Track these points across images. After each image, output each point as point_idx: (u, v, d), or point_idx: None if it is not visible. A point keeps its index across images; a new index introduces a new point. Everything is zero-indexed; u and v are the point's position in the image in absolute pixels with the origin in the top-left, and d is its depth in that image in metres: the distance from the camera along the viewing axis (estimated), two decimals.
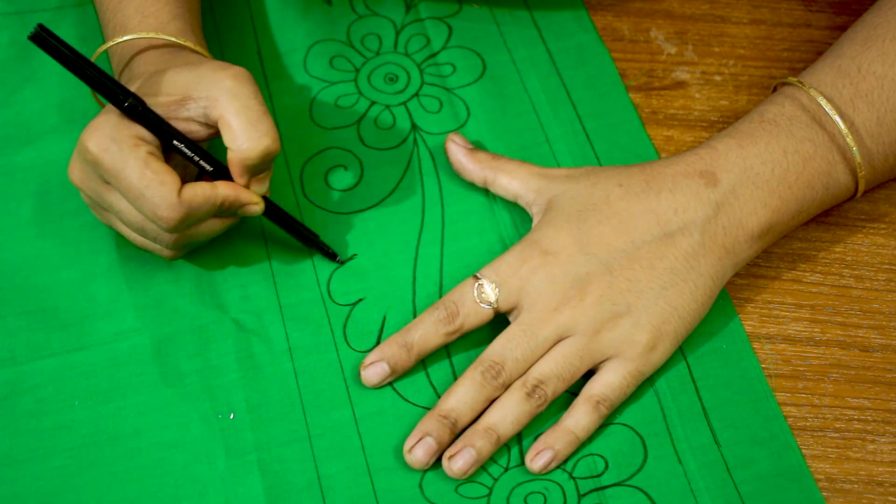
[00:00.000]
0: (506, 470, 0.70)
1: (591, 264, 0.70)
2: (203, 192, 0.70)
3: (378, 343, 0.75)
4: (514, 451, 0.71)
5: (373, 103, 0.86)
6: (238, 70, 0.71)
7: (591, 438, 0.71)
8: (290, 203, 0.81)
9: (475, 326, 0.72)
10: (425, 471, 0.70)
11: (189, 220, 0.70)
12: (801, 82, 0.75)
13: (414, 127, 0.85)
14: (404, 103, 0.86)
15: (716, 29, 0.90)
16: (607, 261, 0.70)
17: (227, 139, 0.70)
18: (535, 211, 0.75)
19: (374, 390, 0.73)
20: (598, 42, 0.89)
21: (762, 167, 0.72)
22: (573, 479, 0.69)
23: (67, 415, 0.72)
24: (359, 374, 0.73)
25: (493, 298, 0.71)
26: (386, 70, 0.87)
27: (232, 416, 0.72)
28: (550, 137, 0.84)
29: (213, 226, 0.73)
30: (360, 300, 0.77)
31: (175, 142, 0.70)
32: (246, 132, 0.69)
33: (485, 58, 0.88)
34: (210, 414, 0.72)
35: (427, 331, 0.72)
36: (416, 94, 0.86)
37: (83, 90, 0.85)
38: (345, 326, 0.76)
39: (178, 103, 0.70)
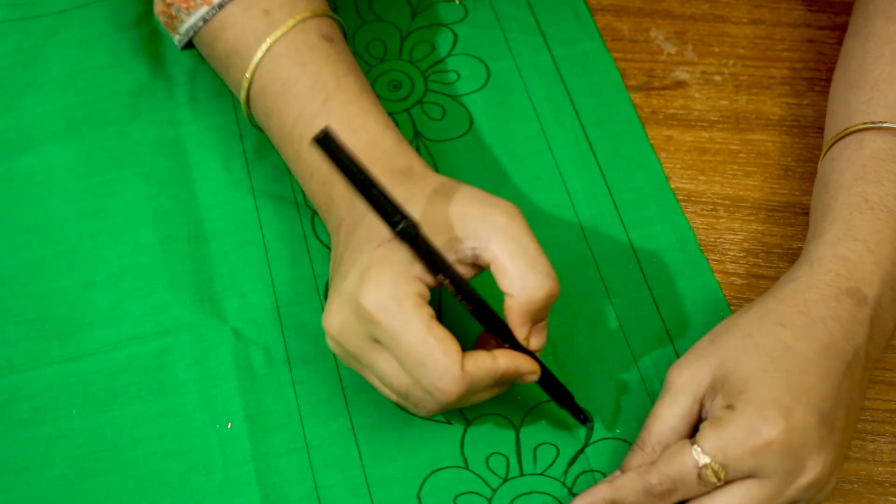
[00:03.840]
0: (504, 481, 0.69)
1: (822, 426, 0.63)
2: (485, 364, 0.62)
3: None
4: (513, 461, 0.69)
5: None
6: (507, 205, 0.63)
7: (591, 454, 0.69)
8: (292, 212, 0.79)
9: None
10: (423, 481, 0.69)
11: (469, 394, 0.62)
12: (883, 124, 0.71)
13: (417, 135, 0.83)
14: (407, 110, 0.84)
15: (716, 29, 0.88)
16: (827, 414, 0.63)
17: (505, 284, 0.62)
18: (715, 402, 0.65)
19: (371, 400, 0.71)
20: (603, 50, 0.87)
21: (893, 267, 0.67)
22: (572, 494, 0.68)
23: (65, 424, 0.71)
24: None
25: (718, 479, 0.63)
26: (390, 77, 0.85)
27: (230, 426, 0.70)
28: (553, 146, 0.82)
29: (483, 395, 0.65)
30: None
31: (452, 285, 0.62)
32: (526, 275, 0.62)
33: (489, 65, 0.86)
34: (208, 423, 0.71)
35: (637, 501, 0.64)
36: (420, 102, 0.84)
37: (85, 96, 0.83)
38: None
39: (445, 246, 0.62)
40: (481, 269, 0.63)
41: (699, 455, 0.61)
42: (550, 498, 0.68)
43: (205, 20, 0.73)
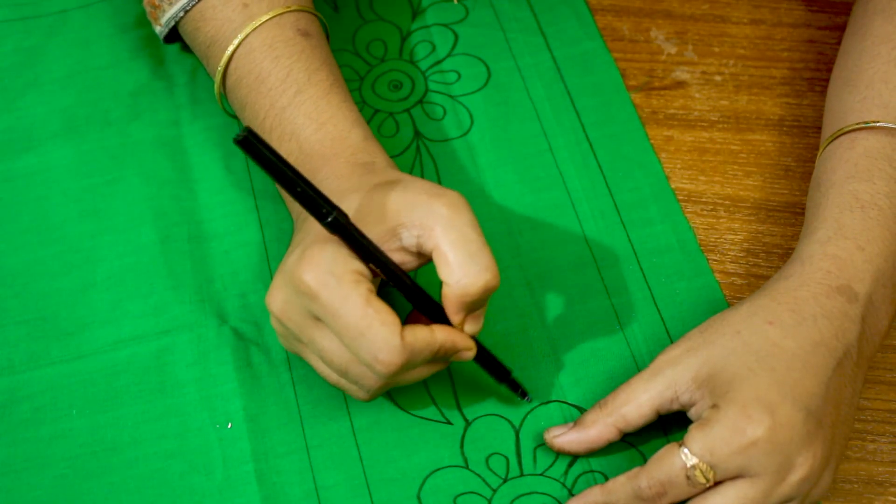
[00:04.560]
0: (504, 481, 0.68)
1: (808, 422, 0.63)
2: (423, 336, 0.62)
3: None
4: (513, 461, 0.69)
5: (376, 111, 0.84)
6: (453, 196, 0.63)
7: (592, 455, 0.69)
8: None
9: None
10: (423, 481, 0.68)
11: (408, 366, 0.63)
12: (877, 123, 0.71)
13: (417, 134, 0.82)
14: (408, 110, 0.84)
15: (716, 29, 0.88)
16: (814, 410, 0.63)
17: (444, 273, 0.62)
18: (699, 400, 0.66)
19: (371, 401, 0.70)
20: (604, 50, 0.87)
21: (885, 264, 0.68)
22: (572, 495, 0.68)
23: (65, 424, 0.70)
24: None
25: (706, 480, 0.63)
26: (391, 77, 0.85)
27: (230, 426, 0.70)
28: (553, 146, 0.82)
29: (421, 373, 0.65)
30: None
31: (384, 269, 0.63)
32: (465, 266, 0.62)
33: (490, 65, 0.86)
34: (208, 423, 0.70)
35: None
36: (420, 102, 0.84)
37: (85, 96, 0.83)
38: None
39: (388, 232, 0.63)
40: (426, 259, 0.64)
41: (687, 457, 0.62)
42: (550, 499, 0.68)
43: (185, 10, 0.74)
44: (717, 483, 0.62)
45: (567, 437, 0.67)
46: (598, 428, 0.67)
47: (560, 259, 0.76)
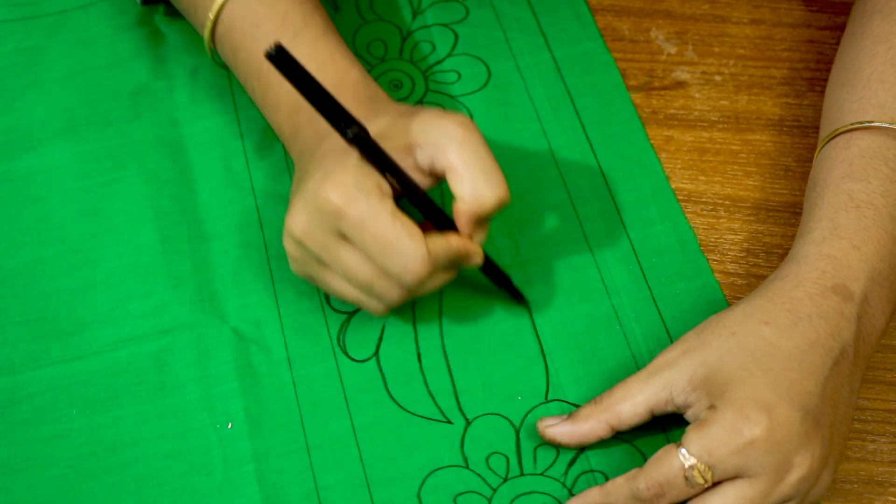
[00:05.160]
0: (505, 480, 0.68)
1: (805, 421, 0.63)
2: (442, 244, 0.65)
3: (377, 350, 0.73)
4: (513, 461, 0.69)
5: None
6: (463, 118, 0.66)
7: (591, 454, 0.69)
8: None
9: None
10: (423, 481, 0.68)
11: (432, 275, 0.66)
12: (872, 123, 0.71)
13: None
14: None
15: (716, 29, 0.88)
16: (812, 410, 0.63)
17: (458, 189, 0.65)
18: (695, 402, 0.66)
19: (371, 399, 0.71)
20: (604, 50, 0.87)
21: (881, 263, 0.68)
22: (572, 495, 0.68)
23: (65, 424, 0.70)
24: None
25: (705, 480, 0.63)
26: (391, 77, 0.85)
27: (230, 426, 0.70)
28: (553, 146, 0.82)
29: (437, 281, 0.68)
30: (360, 309, 0.74)
31: (404, 184, 0.65)
32: (479, 183, 0.65)
33: (490, 65, 0.86)
34: (208, 423, 0.70)
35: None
36: (420, 101, 0.84)
37: (86, 97, 0.83)
38: (344, 336, 0.74)
39: (403, 150, 0.65)
40: (438, 178, 0.66)
41: (685, 457, 0.62)
42: (550, 498, 0.68)
43: None
44: (716, 484, 0.62)
45: (559, 429, 0.68)
46: (591, 423, 0.67)
47: (560, 259, 0.76)
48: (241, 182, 0.79)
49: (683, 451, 0.62)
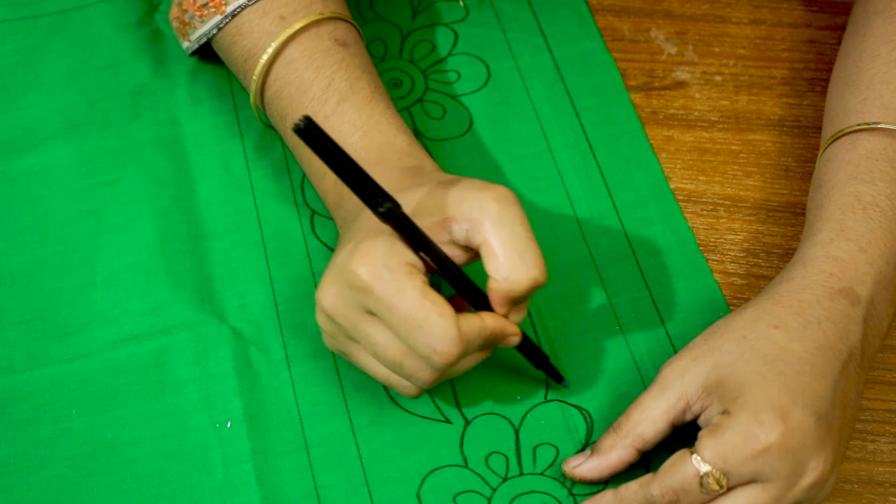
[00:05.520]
0: (504, 480, 0.68)
1: (819, 426, 0.63)
2: (476, 324, 0.62)
3: None
4: (513, 461, 0.69)
5: None
6: (502, 191, 0.63)
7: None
8: (291, 211, 0.78)
9: None
10: (423, 480, 0.68)
11: (462, 355, 0.62)
12: (878, 125, 0.71)
13: (417, 133, 0.82)
14: (407, 108, 0.84)
15: (716, 29, 0.88)
16: (824, 414, 0.63)
17: (491, 268, 0.62)
18: (708, 407, 0.65)
19: (370, 399, 0.71)
20: (603, 50, 0.87)
21: (886, 266, 0.68)
22: (573, 496, 0.68)
23: (65, 423, 0.70)
24: None
25: (720, 486, 0.63)
26: (391, 76, 0.85)
27: (229, 425, 0.70)
28: (553, 146, 0.82)
29: (469, 362, 0.65)
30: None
31: (437, 259, 0.63)
32: (513, 263, 0.62)
33: (490, 65, 0.86)
34: (208, 423, 0.70)
35: None
36: (420, 100, 0.84)
37: (86, 96, 0.83)
38: None
39: (439, 225, 0.63)
40: (475, 254, 0.64)
41: (699, 464, 0.61)
42: (550, 498, 0.67)
43: (219, 27, 0.75)
44: (729, 488, 0.62)
45: (588, 466, 0.67)
46: (617, 452, 0.66)
47: (559, 259, 0.76)
48: (241, 182, 0.79)
49: (697, 457, 0.61)
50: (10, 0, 0.87)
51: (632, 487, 0.63)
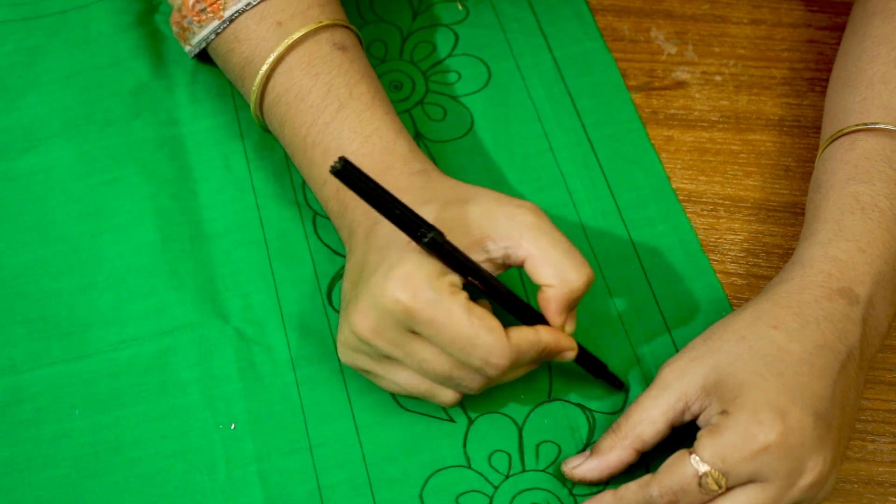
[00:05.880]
0: (506, 477, 0.69)
1: (818, 426, 0.63)
2: (528, 337, 0.64)
3: None
4: (516, 458, 0.69)
5: None
6: (530, 204, 0.65)
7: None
8: (293, 211, 0.78)
9: None
10: (426, 481, 0.68)
11: (515, 366, 0.64)
12: (877, 125, 0.71)
13: (418, 135, 0.82)
14: (408, 111, 0.84)
15: (716, 29, 0.88)
16: (823, 414, 0.64)
17: (543, 276, 0.63)
18: (707, 407, 0.66)
19: (374, 399, 0.71)
20: (604, 50, 0.87)
21: (885, 267, 0.68)
22: (573, 496, 0.68)
23: (67, 424, 0.70)
24: None
25: (719, 487, 0.63)
26: (391, 77, 0.85)
27: (233, 427, 0.70)
28: (554, 146, 0.82)
29: (522, 370, 0.67)
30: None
31: (482, 281, 0.63)
32: (563, 266, 0.63)
33: (490, 65, 0.86)
34: (211, 424, 0.70)
35: None
36: (421, 102, 0.84)
37: (86, 96, 0.83)
38: None
39: (474, 245, 0.64)
40: (506, 268, 0.65)
41: (698, 464, 0.62)
42: (552, 495, 0.68)
43: (217, 33, 0.75)
44: (729, 489, 0.62)
45: (587, 467, 0.67)
46: (616, 452, 0.66)
47: None
48: (242, 182, 0.79)
49: (696, 457, 0.62)
50: (10, 0, 0.87)
51: (631, 488, 0.64)
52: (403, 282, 0.61)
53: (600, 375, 0.70)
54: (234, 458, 0.69)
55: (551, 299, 0.64)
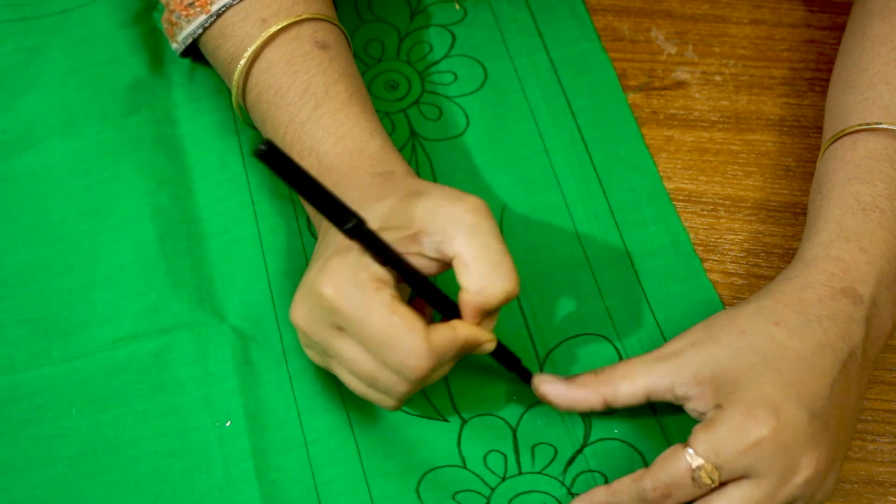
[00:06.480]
0: (503, 479, 0.69)
1: (813, 423, 0.63)
2: (447, 335, 0.62)
3: None
4: (511, 460, 0.70)
5: None
6: (475, 201, 0.63)
7: (590, 453, 0.70)
8: (288, 208, 0.79)
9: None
10: (422, 476, 0.69)
11: (437, 368, 0.63)
12: (878, 125, 0.72)
13: (413, 134, 0.83)
14: (404, 110, 0.84)
15: (716, 29, 0.88)
16: (819, 412, 0.64)
17: (464, 280, 0.62)
18: (696, 396, 0.66)
19: None
20: (600, 51, 0.87)
21: (888, 266, 0.68)
22: (571, 494, 0.68)
23: (65, 423, 0.70)
24: None
25: (712, 481, 0.63)
26: (387, 77, 0.85)
27: (229, 424, 0.70)
28: (549, 147, 0.82)
29: (444, 370, 0.65)
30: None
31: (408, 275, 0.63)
32: (486, 275, 0.62)
33: (487, 66, 0.86)
34: (208, 422, 0.70)
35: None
36: (416, 102, 0.84)
37: (84, 93, 0.83)
38: None
39: (409, 238, 0.63)
40: (446, 265, 0.64)
41: (692, 457, 0.62)
42: (549, 497, 0.68)
43: (204, 28, 0.76)
44: (722, 484, 0.63)
45: (553, 387, 0.67)
46: (586, 391, 0.67)
47: (554, 260, 0.76)
48: (238, 178, 0.80)
49: (690, 451, 0.62)
50: (10, 0, 0.88)
51: (624, 482, 0.64)
52: (330, 275, 0.61)
53: (513, 369, 0.70)
54: (231, 455, 0.69)
55: (465, 304, 0.63)
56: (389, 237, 0.62)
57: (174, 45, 0.79)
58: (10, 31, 0.86)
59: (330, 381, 0.72)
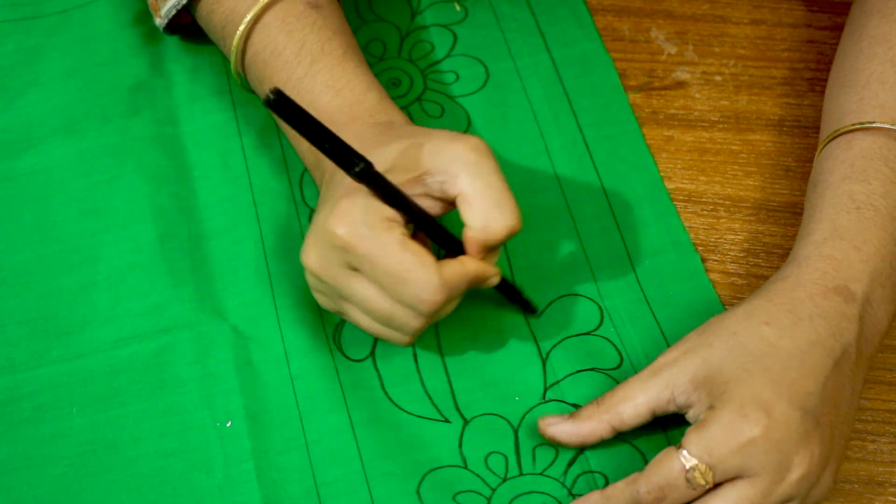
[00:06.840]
0: (504, 480, 0.69)
1: (805, 421, 0.63)
2: (458, 269, 0.65)
3: (373, 351, 0.73)
4: (512, 461, 0.70)
5: None
6: (475, 141, 0.65)
7: (591, 454, 0.70)
8: (290, 209, 0.79)
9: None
10: (423, 477, 0.69)
11: (448, 301, 0.65)
12: (873, 124, 0.72)
13: None
14: (406, 107, 0.84)
15: (716, 29, 0.89)
16: (811, 409, 0.64)
17: (468, 217, 0.64)
18: (696, 402, 0.66)
19: (368, 398, 0.71)
20: (602, 50, 0.87)
21: (882, 264, 0.68)
22: (572, 495, 0.68)
23: (66, 422, 0.71)
24: None
25: (706, 481, 0.64)
26: (389, 75, 0.86)
27: (230, 424, 0.70)
28: (550, 147, 0.82)
29: (456, 302, 0.67)
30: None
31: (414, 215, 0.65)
32: (489, 212, 0.64)
33: (488, 66, 0.86)
34: (208, 422, 0.71)
35: None
36: (419, 99, 0.84)
37: (84, 93, 0.83)
38: (339, 336, 0.74)
39: (414, 180, 0.65)
40: (450, 205, 0.65)
41: (686, 459, 0.62)
42: (550, 498, 0.68)
43: None
44: (717, 485, 0.63)
45: (560, 427, 0.68)
46: (592, 423, 0.68)
47: (554, 260, 0.76)
48: (239, 178, 0.80)
49: (684, 452, 0.63)
50: (10, 0, 0.88)
51: (619, 486, 0.65)
52: (341, 216, 0.62)
53: (515, 301, 0.72)
54: (232, 455, 0.69)
55: (470, 240, 0.65)
56: (395, 179, 0.63)
57: (158, 21, 0.80)
58: (10, 31, 0.87)
59: (331, 382, 0.72)
